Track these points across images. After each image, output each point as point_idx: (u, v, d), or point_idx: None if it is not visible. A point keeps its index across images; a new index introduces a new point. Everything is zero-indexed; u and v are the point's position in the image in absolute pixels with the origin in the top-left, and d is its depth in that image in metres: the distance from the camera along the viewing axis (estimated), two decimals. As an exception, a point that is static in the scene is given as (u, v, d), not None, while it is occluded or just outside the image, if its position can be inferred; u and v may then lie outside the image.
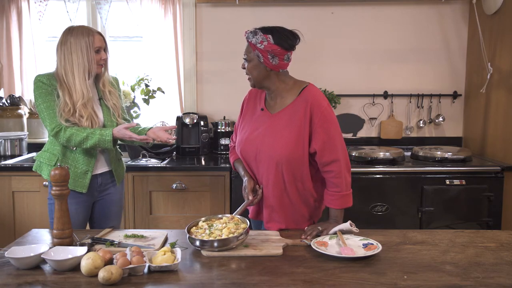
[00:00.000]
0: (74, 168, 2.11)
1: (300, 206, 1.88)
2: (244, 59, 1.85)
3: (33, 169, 2.19)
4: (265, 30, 1.79)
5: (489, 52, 3.11)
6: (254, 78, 1.84)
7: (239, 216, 1.74)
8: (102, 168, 2.20)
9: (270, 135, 1.84)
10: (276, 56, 1.78)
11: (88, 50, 2.05)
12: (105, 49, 2.15)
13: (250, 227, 1.72)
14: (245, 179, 1.94)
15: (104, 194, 2.24)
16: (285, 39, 1.78)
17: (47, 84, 2.05)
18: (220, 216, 1.78)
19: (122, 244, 1.62)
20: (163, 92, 3.44)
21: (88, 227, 2.32)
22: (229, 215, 1.77)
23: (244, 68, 1.86)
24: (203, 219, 1.75)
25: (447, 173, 2.84)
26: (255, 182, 1.93)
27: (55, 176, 1.59)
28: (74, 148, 2.10)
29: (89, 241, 1.62)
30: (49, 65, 3.52)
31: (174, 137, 2.17)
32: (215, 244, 1.55)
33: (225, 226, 1.66)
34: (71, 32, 2.07)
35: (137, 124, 2.24)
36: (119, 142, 2.22)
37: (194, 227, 1.71)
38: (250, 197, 1.86)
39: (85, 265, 1.37)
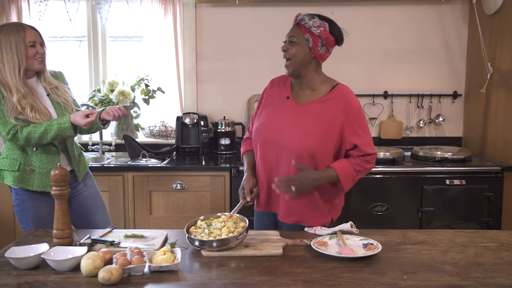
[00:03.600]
0: (39, 168, 2.06)
1: (319, 200, 1.85)
2: (289, 41, 1.81)
3: None
4: (321, 17, 1.81)
5: (489, 52, 3.11)
6: (297, 63, 1.80)
7: (237, 215, 1.74)
8: (65, 166, 2.15)
9: (297, 126, 1.80)
10: (325, 45, 1.78)
11: (18, 45, 1.99)
12: (42, 44, 2.08)
13: (250, 227, 1.72)
14: (245, 176, 1.91)
15: (74, 193, 2.18)
16: (339, 32, 1.80)
17: None
18: (218, 214, 1.78)
19: (122, 244, 1.62)
20: (163, 92, 3.44)
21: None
22: (227, 213, 1.77)
23: (285, 50, 1.83)
24: (201, 218, 1.75)
25: (447, 173, 2.84)
26: (255, 182, 1.90)
27: (55, 176, 1.58)
28: (34, 149, 2.05)
29: (89, 241, 1.62)
30: (49, 65, 3.52)
31: (123, 109, 2.07)
32: (214, 244, 1.54)
33: (224, 225, 1.65)
34: (1, 30, 2.01)
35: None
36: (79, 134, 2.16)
37: (193, 227, 1.71)
38: (248, 198, 1.85)
39: (85, 265, 1.37)
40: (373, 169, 2.79)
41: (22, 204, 2.09)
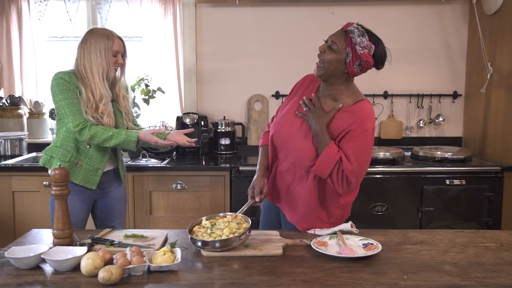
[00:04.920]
0: (86, 165, 2.15)
1: (330, 203, 1.82)
2: (329, 46, 1.71)
3: (40, 163, 2.20)
4: (372, 37, 1.69)
5: (489, 52, 3.11)
6: (329, 71, 1.71)
7: (242, 215, 1.74)
8: (108, 166, 2.25)
9: (307, 130, 1.77)
10: (361, 66, 1.69)
11: (106, 52, 2.11)
12: (123, 55, 2.20)
13: (253, 227, 1.71)
14: (256, 175, 1.88)
15: (106, 192, 2.27)
16: (383, 57, 1.70)
17: (68, 82, 2.09)
18: (222, 214, 1.77)
19: (122, 244, 1.62)
20: (163, 92, 3.44)
21: (92, 226, 2.33)
22: (232, 213, 1.76)
23: (322, 51, 1.73)
24: (205, 217, 1.75)
25: (447, 173, 2.84)
26: (266, 182, 1.86)
27: (55, 176, 1.58)
28: (88, 146, 2.14)
29: (89, 241, 1.62)
30: (49, 65, 3.54)
31: (194, 139, 2.21)
32: (217, 244, 1.54)
33: (228, 225, 1.65)
34: (93, 33, 2.15)
35: (165, 130, 2.27)
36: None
37: (196, 226, 1.71)
38: (257, 199, 1.80)
39: (85, 265, 1.37)
40: (373, 169, 2.83)
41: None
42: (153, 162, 3.06)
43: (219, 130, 3.36)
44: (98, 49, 2.10)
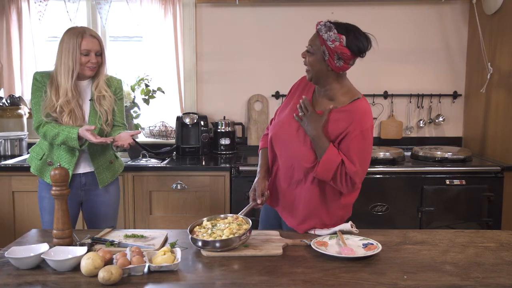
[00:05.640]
0: (56, 163, 2.15)
1: (331, 204, 1.81)
2: (307, 50, 1.74)
3: (26, 161, 2.29)
4: (341, 28, 1.67)
5: (489, 52, 3.11)
6: (315, 73, 1.74)
7: (243, 217, 1.74)
8: (85, 168, 2.21)
9: (303, 134, 1.76)
10: (342, 59, 1.68)
11: (74, 51, 2.07)
12: (100, 53, 2.14)
13: (254, 227, 1.71)
14: (257, 178, 1.87)
15: (91, 195, 2.24)
16: (357, 44, 1.67)
17: (38, 81, 2.14)
18: (223, 216, 1.77)
19: (122, 244, 1.62)
20: (163, 92, 3.44)
21: (85, 227, 2.33)
22: (233, 215, 1.76)
23: (304, 57, 1.76)
24: (207, 218, 1.75)
25: (447, 173, 2.84)
26: (267, 184, 1.87)
27: (55, 176, 1.58)
28: (60, 145, 2.14)
29: (89, 241, 1.62)
30: (49, 65, 3.53)
31: (131, 141, 2.16)
32: (217, 244, 1.54)
33: (228, 226, 1.65)
34: (68, 32, 2.13)
35: (96, 128, 2.13)
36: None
37: (197, 226, 1.71)
38: (259, 201, 1.80)
39: (85, 265, 1.37)
40: (373, 169, 2.83)
41: (40, 193, 2.25)
42: (153, 162, 3.06)
43: (219, 130, 3.36)
44: (67, 48, 2.07)
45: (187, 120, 3.30)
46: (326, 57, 1.69)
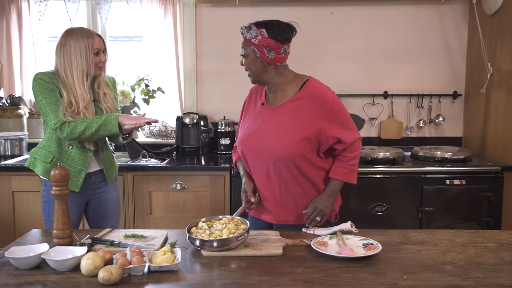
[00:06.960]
0: (68, 166, 2.12)
1: (306, 201, 1.87)
2: (241, 55, 1.84)
3: (25, 165, 2.20)
4: (259, 24, 1.77)
5: (489, 52, 3.11)
6: (253, 73, 1.84)
7: (239, 217, 1.74)
8: (95, 167, 2.22)
9: (272, 130, 1.82)
10: (272, 50, 1.76)
11: (87, 52, 2.06)
12: (104, 51, 2.17)
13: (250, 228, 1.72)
14: (243, 180, 1.93)
15: (98, 193, 2.25)
16: (280, 32, 1.76)
17: (48, 82, 2.07)
18: (220, 217, 1.78)
19: (122, 244, 1.62)
20: (163, 92, 3.44)
21: (86, 227, 2.33)
22: (229, 216, 1.77)
23: (242, 64, 1.85)
24: (203, 219, 1.75)
25: (447, 173, 2.84)
26: (253, 184, 1.92)
27: (55, 176, 1.58)
28: (70, 147, 2.12)
29: (89, 241, 1.62)
30: (49, 65, 3.52)
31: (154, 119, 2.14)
32: (215, 244, 1.55)
33: (225, 226, 1.66)
34: (71, 34, 2.09)
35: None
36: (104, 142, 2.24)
37: (194, 228, 1.71)
38: (253, 199, 1.86)
39: (85, 265, 1.37)
40: (373, 169, 2.83)
41: (48, 196, 2.15)
42: (153, 162, 3.06)
43: (219, 130, 3.36)
44: (78, 50, 2.05)
45: (187, 120, 3.30)
46: (257, 54, 1.78)
